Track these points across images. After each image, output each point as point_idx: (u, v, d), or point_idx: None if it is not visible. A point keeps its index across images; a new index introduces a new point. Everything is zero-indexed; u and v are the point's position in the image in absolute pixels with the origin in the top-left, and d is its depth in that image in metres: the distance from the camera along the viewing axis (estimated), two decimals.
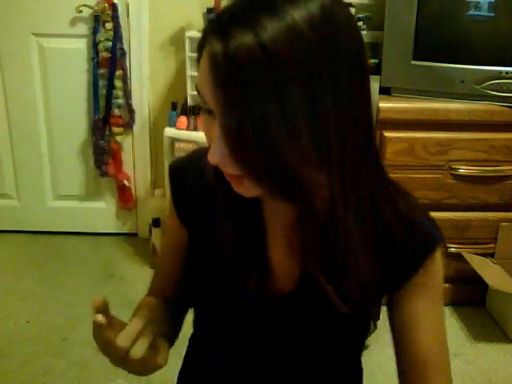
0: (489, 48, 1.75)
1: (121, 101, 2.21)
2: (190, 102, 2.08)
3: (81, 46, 2.22)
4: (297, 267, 0.72)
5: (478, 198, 1.86)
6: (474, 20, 1.72)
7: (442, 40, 1.78)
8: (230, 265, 0.73)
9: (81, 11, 2.14)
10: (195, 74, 1.93)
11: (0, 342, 1.77)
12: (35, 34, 2.23)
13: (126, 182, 2.34)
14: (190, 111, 2.08)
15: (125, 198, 2.40)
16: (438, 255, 0.73)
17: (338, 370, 0.82)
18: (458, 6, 1.72)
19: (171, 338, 0.83)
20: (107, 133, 2.26)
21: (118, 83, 2.18)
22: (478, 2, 1.68)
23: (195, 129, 2.07)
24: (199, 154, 0.76)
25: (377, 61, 1.84)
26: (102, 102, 2.21)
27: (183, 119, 2.09)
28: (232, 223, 0.71)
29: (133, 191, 2.42)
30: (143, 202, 2.45)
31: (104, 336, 0.62)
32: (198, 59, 0.59)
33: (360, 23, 1.87)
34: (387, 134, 1.80)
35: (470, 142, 1.80)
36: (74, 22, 2.20)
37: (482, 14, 1.69)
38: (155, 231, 2.22)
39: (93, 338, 0.63)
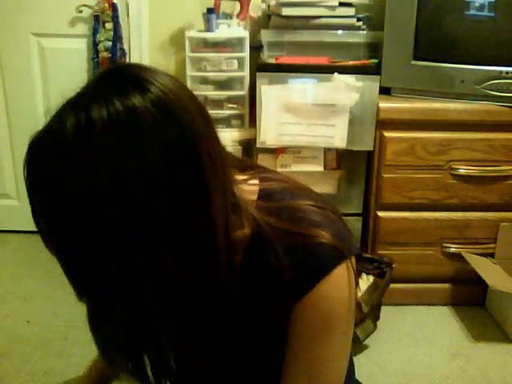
0: (489, 48, 1.75)
1: None
2: None
3: (81, 45, 2.22)
4: None
5: (478, 198, 1.86)
6: (473, 20, 1.71)
7: (442, 40, 1.78)
8: None
9: (81, 11, 2.14)
10: (195, 74, 1.93)
11: (0, 342, 1.77)
12: (35, 34, 2.23)
13: None
14: None
15: None
16: (326, 285, 0.66)
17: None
18: (458, 6, 1.72)
19: None
20: None
21: None
22: (478, 2, 1.68)
23: None
24: None
25: (377, 61, 1.84)
26: None
27: None
28: None
29: None
30: None
31: None
32: None
33: (360, 23, 1.87)
34: (387, 134, 1.80)
35: (469, 142, 1.80)
36: (73, 21, 2.20)
37: (482, 13, 1.69)
38: None
39: None
